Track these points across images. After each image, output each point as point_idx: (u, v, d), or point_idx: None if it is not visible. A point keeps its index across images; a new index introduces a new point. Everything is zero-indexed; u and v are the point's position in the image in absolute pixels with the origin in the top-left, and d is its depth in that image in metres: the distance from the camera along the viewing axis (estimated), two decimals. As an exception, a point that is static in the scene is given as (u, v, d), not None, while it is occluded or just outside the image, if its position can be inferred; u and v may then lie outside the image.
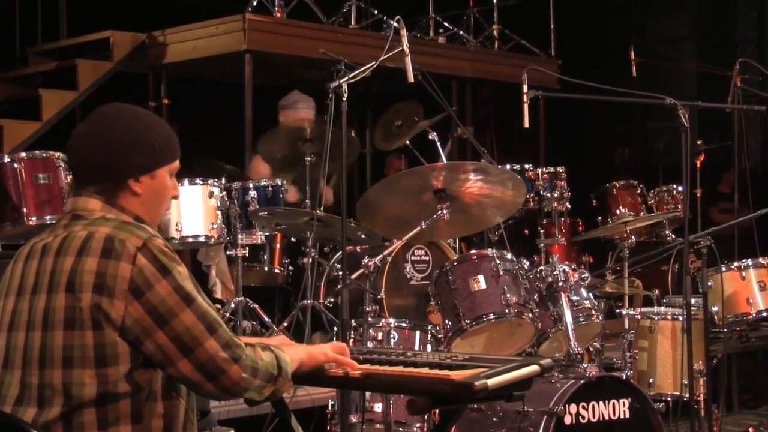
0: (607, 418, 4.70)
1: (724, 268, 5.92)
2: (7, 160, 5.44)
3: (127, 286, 2.44)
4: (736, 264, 5.99)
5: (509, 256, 5.15)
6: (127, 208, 2.63)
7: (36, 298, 2.51)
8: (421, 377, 2.84)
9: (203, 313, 2.50)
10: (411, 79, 4.74)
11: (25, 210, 5.35)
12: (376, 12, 8.91)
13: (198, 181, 5.82)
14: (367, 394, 4.56)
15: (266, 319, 6.08)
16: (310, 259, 6.03)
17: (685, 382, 5.25)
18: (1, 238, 5.63)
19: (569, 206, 6.25)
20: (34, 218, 5.35)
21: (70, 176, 5.38)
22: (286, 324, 6.09)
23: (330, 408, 4.87)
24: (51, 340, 2.46)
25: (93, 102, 7.94)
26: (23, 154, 5.49)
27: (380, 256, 5.00)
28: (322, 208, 5.86)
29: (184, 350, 2.47)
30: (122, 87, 8.18)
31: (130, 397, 2.47)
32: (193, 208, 5.73)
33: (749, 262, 5.99)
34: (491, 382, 2.72)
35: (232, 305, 6.01)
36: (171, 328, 2.46)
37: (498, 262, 5.02)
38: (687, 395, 5.20)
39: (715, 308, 5.79)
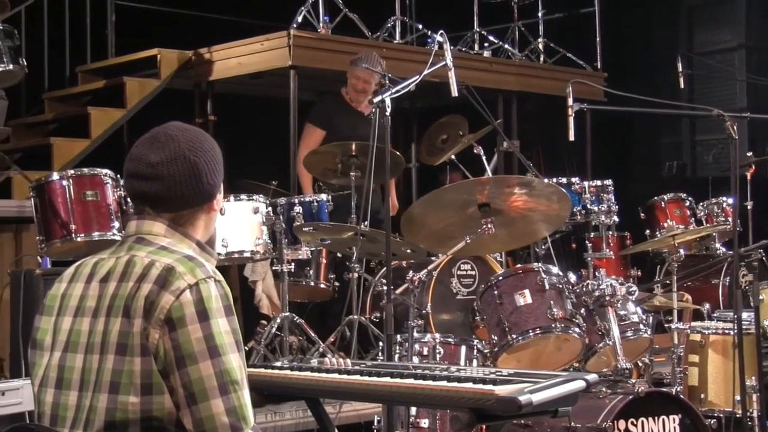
0: (656, 434, 4.66)
1: (775, 282, 5.85)
2: (56, 177, 5.51)
3: (163, 316, 2.41)
4: (788, 277, 5.91)
5: (555, 270, 5.13)
6: (190, 234, 2.63)
7: (96, 321, 2.49)
8: (466, 392, 2.83)
9: (224, 371, 2.43)
10: (455, 93, 4.73)
11: (73, 227, 5.40)
12: (420, 27, 8.92)
13: (243, 197, 5.85)
14: (413, 409, 4.55)
15: (312, 334, 6.08)
16: (356, 275, 6.02)
17: (738, 398, 5.17)
18: (50, 255, 5.69)
19: (617, 219, 6.20)
20: (82, 235, 5.41)
21: (123, 195, 5.43)
22: (332, 339, 6.08)
23: (376, 424, 4.87)
24: (104, 364, 2.45)
25: (141, 119, 8.02)
26: (71, 172, 5.55)
27: (425, 270, 5.00)
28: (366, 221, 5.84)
29: (189, 399, 2.41)
30: (169, 104, 8.24)
31: (175, 427, 2.43)
32: (239, 224, 5.76)
33: (801, 275, 5.92)
34: (536, 397, 2.70)
35: (278, 321, 6.02)
36: (185, 373, 2.41)
37: (543, 276, 5.01)
38: (740, 411, 5.13)
39: (767, 322, 5.71)
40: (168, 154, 2.57)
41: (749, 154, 6.73)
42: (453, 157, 7.02)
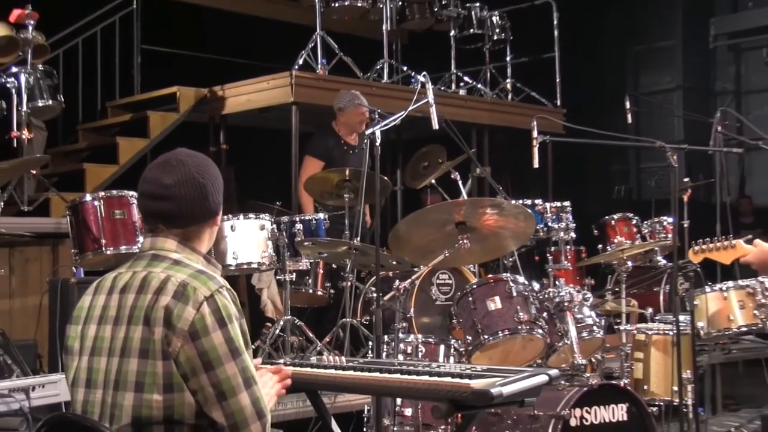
0: (607, 420, 4.67)
1: (708, 289, 5.86)
2: (88, 198, 5.50)
3: (187, 327, 2.41)
4: (719, 286, 5.92)
5: (521, 279, 5.13)
6: (197, 249, 2.62)
7: (118, 328, 2.49)
8: (445, 385, 2.83)
9: (244, 368, 2.46)
10: (436, 126, 4.72)
11: (103, 241, 5.39)
12: (405, 68, 8.95)
13: (251, 215, 5.84)
14: (399, 400, 4.54)
15: (311, 335, 6.07)
16: (349, 283, 6.02)
17: (676, 389, 5.19)
18: (83, 266, 5.68)
19: (574, 236, 6.20)
20: (111, 249, 5.40)
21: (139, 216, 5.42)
22: (328, 339, 6.08)
23: (366, 412, 4.85)
24: (126, 366, 2.44)
25: (162, 148, 8.01)
26: (102, 193, 5.54)
27: (409, 280, 5.01)
28: (358, 236, 5.85)
29: (219, 396, 2.42)
30: (187, 135, 8.24)
31: (194, 419, 2.44)
32: (247, 239, 5.75)
33: (730, 284, 5.92)
34: (506, 390, 2.71)
35: (281, 323, 6.01)
36: (214, 374, 2.42)
37: (511, 285, 5.01)
38: (677, 400, 5.15)
39: (701, 324, 5.71)
40: (180, 177, 2.56)
41: (686, 179, 6.74)
42: (433, 181, 7.03)
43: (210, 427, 2.45)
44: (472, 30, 9.44)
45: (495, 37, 9.54)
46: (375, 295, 4.53)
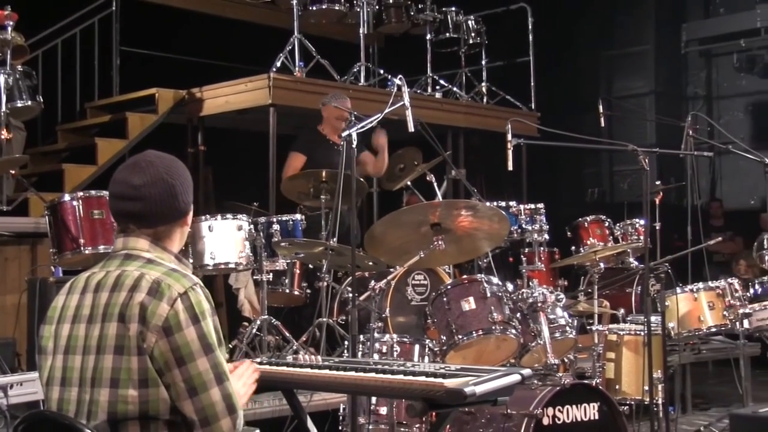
0: (579, 419, 4.69)
1: (679, 291, 5.91)
2: (67, 198, 5.48)
3: (161, 323, 2.41)
4: (689, 287, 5.97)
5: (495, 280, 5.14)
6: (168, 248, 2.62)
7: (92, 326, 2.48)
8: (419, 384, 2.83)
9: (216, 364, 2.46)
10: (411, 128, 4.72)
11: (82, 241, 5.38)
12: (381, 71, 8.95)
13: (229, 216, 5.84)
14: (374, 399, 4.55)
15: (287, 334, 6.06)
16: (325, 283, 6.02)
17: (646, 388, 5.22)
18: (62, 265, 5.65)
19: (547, 237, 6.22)
20: (90, 248, 5.39)
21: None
22: (304, 339, 6.07)
23: (342, 411, 4.85)
24: (102, 363, 2.44)
25: (141, 149, 7.94)
26: (80, 194, 5.52)
27: (385, 280, 5.00)
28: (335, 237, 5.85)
29: (191, 391, 2.42)
30: (165, 136, 8.21)
31: (169, 415, 2.44)
32: (225, 239, 5.74)
33: (700, 285, 5.98)
34: (479, 389, 2.71)
35: (258, 322, 6.00)
36: (186, 369, 2.42)
37: (486, 285, 5.01)
38: (648, 399, 5.18)
39: (671, 325, 5.77)
40: (148, 178, 2.57)
41: (658, 182, 6.77)
42: (409, 183, 7.04)
43: (184, 422, 2.44)
44: (447, 34, 9.46)
45: (470, 41, 9.57)
46: (351, 295, 4.53)
